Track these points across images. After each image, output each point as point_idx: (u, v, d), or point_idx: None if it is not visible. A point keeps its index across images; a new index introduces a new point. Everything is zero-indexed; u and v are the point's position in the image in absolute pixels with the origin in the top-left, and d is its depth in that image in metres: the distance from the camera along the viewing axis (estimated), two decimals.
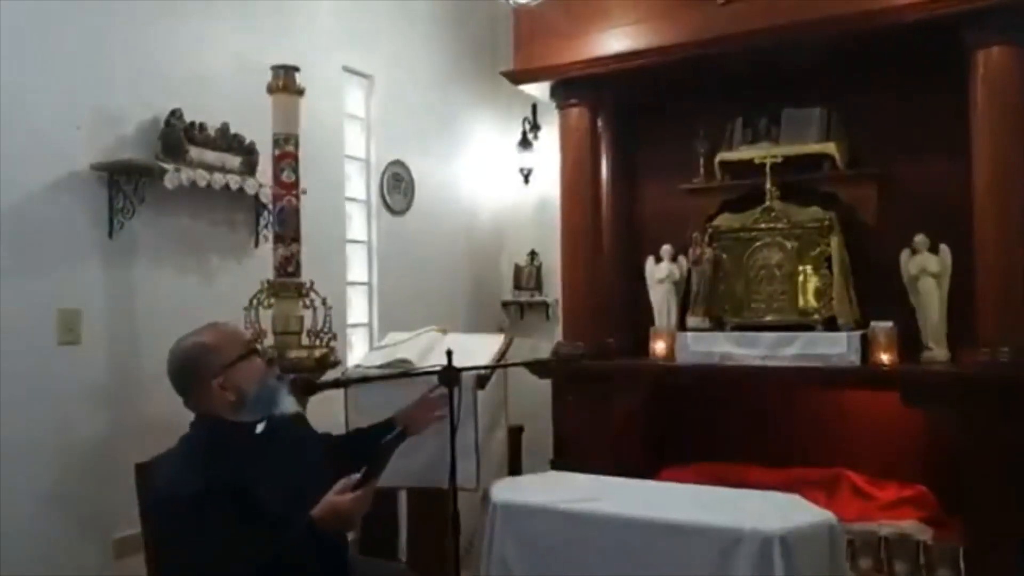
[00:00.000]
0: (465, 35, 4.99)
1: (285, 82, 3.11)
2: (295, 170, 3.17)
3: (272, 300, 3.12)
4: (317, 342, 3.18)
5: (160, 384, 3.07)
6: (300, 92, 3.16)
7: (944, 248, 3.72)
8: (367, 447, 2.23)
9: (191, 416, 2.04)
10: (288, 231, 3.15)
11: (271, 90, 3.12)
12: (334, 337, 3.24)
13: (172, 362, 2.02)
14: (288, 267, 3.14)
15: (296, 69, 3.14)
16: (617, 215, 4.53)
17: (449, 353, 2.27)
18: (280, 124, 3.14)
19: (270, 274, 3.18)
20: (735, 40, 3.67)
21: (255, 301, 3.11)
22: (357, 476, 1.86)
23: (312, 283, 3.21)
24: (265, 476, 1.88)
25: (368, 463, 1.89)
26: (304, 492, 1.88)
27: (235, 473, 1.83)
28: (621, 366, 4.18)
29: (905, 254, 3.79)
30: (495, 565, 2.56)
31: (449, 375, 2.25)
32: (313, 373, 3.01)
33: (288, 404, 2.04)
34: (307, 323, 3.19)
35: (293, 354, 3.04)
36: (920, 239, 3.74)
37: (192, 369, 1.98)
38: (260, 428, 2.01)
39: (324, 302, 3.24)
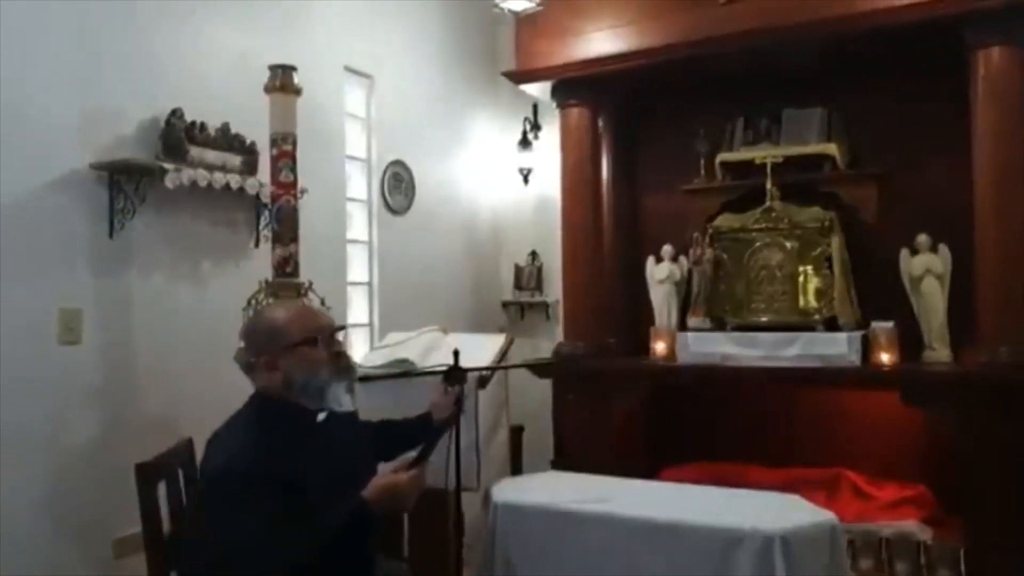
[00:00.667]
0: (466, 35, 4.99)
1: (282, 81, 3.11)
2: (293, 170, 3.16)
3: (270, 300, 3.11)
4: None
5: (160, 384, 3.11)
6: (297, 91, 3.16)
7: (943, 248, 3.72)
8: (399, 438, 2.24)
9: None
10: (286, 231, 3.15)
11: (268, 90, 3.12)
12: None
13: (241, 332, 2.07)
14: (286, 267, 3.13)
15: (293, 68, 3.13)
16: (618, 215, 4.53)
17: (456, 353, 2.27)
18: (278, 123, 3.14)
19: (270, 274, 3.17)
20: (736, 40, 3.68)
21: (253, 301, 3.11)
22: (412, 455, 1.88)
23: (311, 283, 3.20)
24: (316, 466, 1.85)
25: (423, 444, 1.92)
26: (354, 488, 1.86)
27: (287, 459, 1.80)
28: (621, 366, 4.18)
29: (904, 254, 3.79)
30: (496, 565, 2.56)
31: (456, 374, 2.25)
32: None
33: (343, 402, 1.97)
34: None
35: None
36: (922, 239, 3.74)
37: (250, 341, 2.00)
38: (321, 417, 1.96)
39: (323, 302, 3.23)
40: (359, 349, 4.19)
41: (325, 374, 1.94)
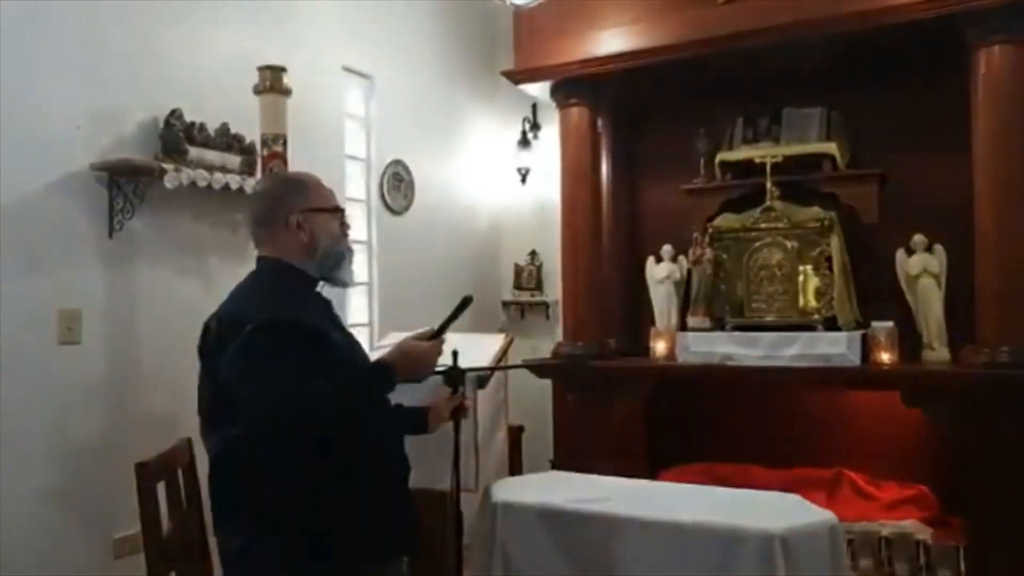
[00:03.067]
0: (465, 35, 4.99)
1: (272, 82, 3.11)
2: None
3: None
4: None
5: (160, 384, 3.11)
6: (287, 92, 3.15)
7: (939, 248, 3.72)
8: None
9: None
10: None
11: (258, 91, 3.12)
12: None
13: (258, 189, 2.00)
14: None
15: (283, 69, 3.13)
16: (617, 215, 4.53)
17: (455, 353, 2.27)
18: (268, 124, 3.14)
19: None
20: (735, 40, 3.67)
21: None
22: (429, 329, 1.97)
23: None
24: (329, 328, 1.87)
25: (445, 319, 2.00)
26: (355, 353, 1.91)
27: (304, 313, 1.81)
28: (621, 366, 4.18)
29: (900, 254, 3.79)
30: (496, 565, 2.56)
31: (454, 375, 2.25)
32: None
33: (350, 276, 1.99)
34: None
35: None
36: (918, 239, 3.74)
37: (278, 197, 1.94)
38: (319, 287, 1.97)
39: None
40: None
41: (345, 245, 1.97)
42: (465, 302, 2.09)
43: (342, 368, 1.80)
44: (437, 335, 1.97)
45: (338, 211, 2.00)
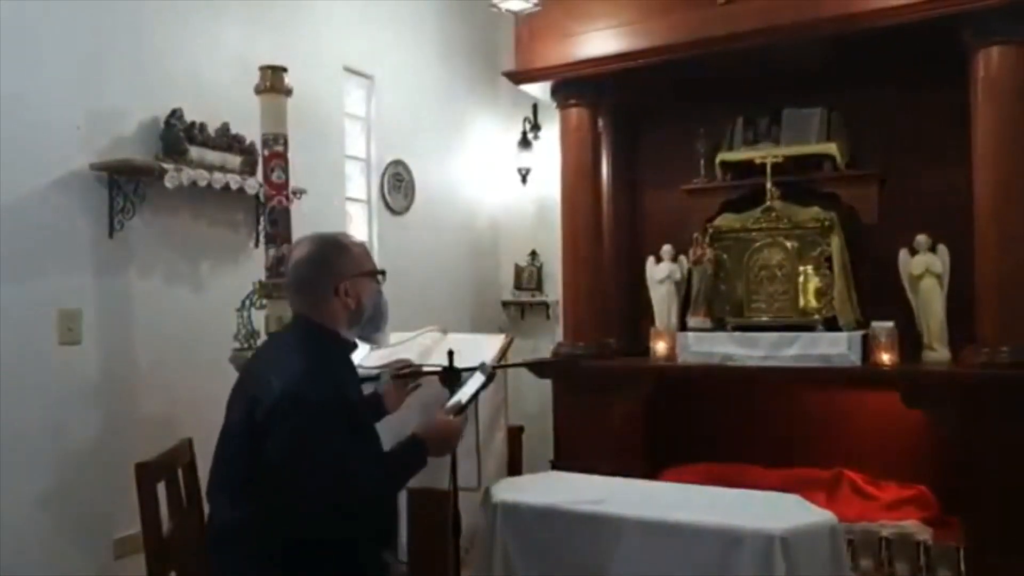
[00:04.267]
0: (466, 35, 4.99)
1: (272, 82, 3.10)
2: (285, 170, 3.15)
3: (264, 301, 3.11)
4: None
5: (160, 384, 3.11)
6: (288, 92, 3.15)
7: (942, 248, 3.72)
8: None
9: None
10: (279, 232, 3.13)
11: (259, 91, 3.12)
12: None
13: (302, 254, 1.93)
14: (280, 268, 3.12)
15: (284, 69, 3.13)
16: (618, 215, 4.53)
17: (451, 353, 2.27)
18: (269, 124, 3.13)
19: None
20: (735, 40, 3.68)
21: (247, 302, 3.11)
22: (457, 401, 1.99)
23: None
24: (360, 398, 1.91)
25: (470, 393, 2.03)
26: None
27: (345, 388, 1.83)
28: (621, 366, 4.18)
29: (903, 254, 3.79)
30: (496, 565, 2.55)
31: (450, 375, 2.25)
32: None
33: (388, 337, 2.07)
34: None
35: None
36: (921, 239, 3.74)
37: (326, 265, 1.91)
38: (356, 347, 2.01)
39: None
40: (359, 350, 4.18)
41: (384, 305, 2.01)
42: (489, 377, 2.12)
43: (382, 448, 1.85)
44: (463, 409, 2.00)
45: (377, 273, 2.03)
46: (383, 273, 2.04)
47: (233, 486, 1.82)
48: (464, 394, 2.03)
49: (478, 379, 2.10)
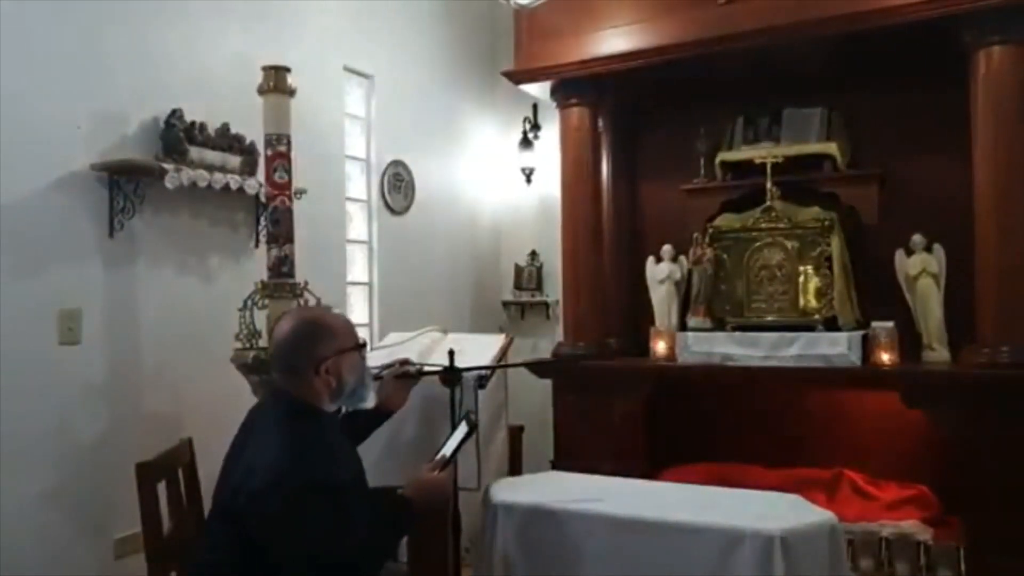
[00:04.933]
0: (466, 34, 4.99)
1: (276, 82, 3.11)
2: (288, 170, 3.16)
3: (266, 301, 3.11)
4: None
5: (161, 384, 3.11)
6: (291, 92, 3.15)
7: (938, 247, 3.72)
8: (361, 429, 2.28)
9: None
10: (282, 231, 3.14)
11: (262, 91, 3.12)
12: None
13: (286, 333, 1.95)
14: (282, 268, 3.13)
15: (287, 69, 3.13)
16: (618, 215, 4.53)
17: (451, 353, 2.27)
18: (272, 125, 3.14)
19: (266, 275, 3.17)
20: (735, 40, 3.67)
21: (249, 302, 3.11)
22: (442, 456, 2.00)
23: (306, 283, 3.20)
24: (343, 465, 1.90)
25: (454, 447, 2.04)
26: (363, 477, 1.98)
27: (327, 464, 1.83)
28: (621, 366, 4.18)
29: (899, 254, 3.79)
30: (495, 565, 2.55)
31: (451, 375, 2.25)
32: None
33: (371, 399, 2.07)
34: None
35: None
36: (917, 238, 3.74)
37: (308, 345, 1.93)
38: (341, 411, 2.06)
39: (319, 302, 3.23)
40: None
41: (369, 379, 2.04)
42: (472, 427, 2.13)
43: (371, 515, 1.86)
44: (448, 463, 2.01)
45: (361, 347, 2.04)
46: (364, 345, 2.06)
47: (221, 570, 1.85)
48: (448, 448, 2.03)
49: (462, 430, 2.10)
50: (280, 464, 1.76)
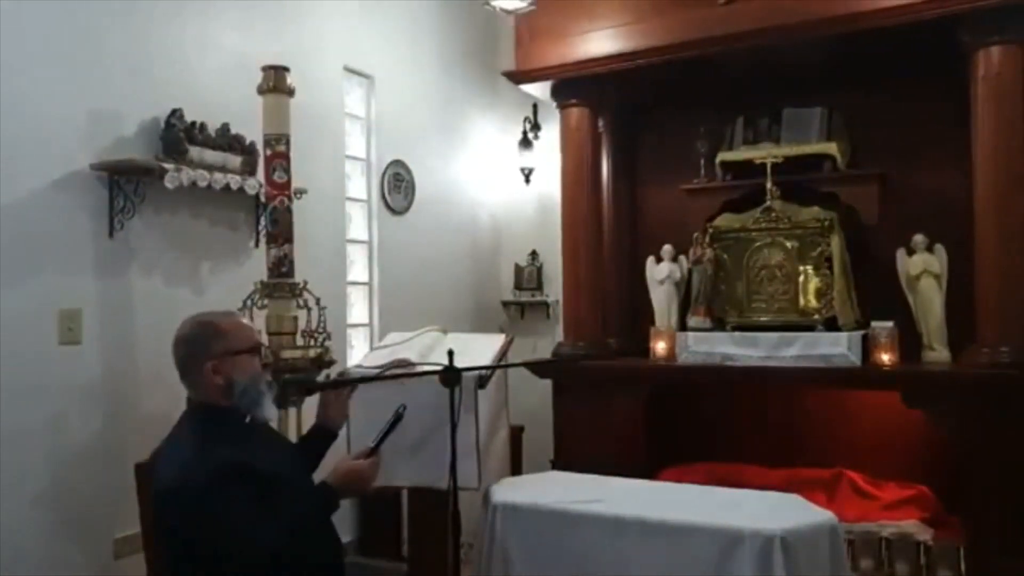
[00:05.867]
0: (466, 34, 4.99)
1: (275, 82, 3.11)
2: (287, 170, 3.16)
3: (266, 301, 3.11)
4: (311, 342, 3.18)
5: (160, 384, 3.10)
6: (290, 92, 3.16)
7: (939, 247, 3.72)
8: (313, 454, 2.31)
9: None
10: (281, 231, 3.14)
11: (261, 91, 3.12)
12: (328, 337, 3.24)
13: (179, 334, 2.04)
14: (281, 267, 3.13)
15: (286, 69, 3.13)
16: (618, 215, 4.53)
17: (450, 353, 2.27)
18: (271, 125, 3.14)
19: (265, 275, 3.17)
20: (735, 40, 3.68)
21: (248, 302, 3.11)
22: (366, 447, 2.05)
23: (306, 283, 3.20)
24: (259, 456, 1.94)
25: (380, 433, 2.07)
26: (292, 474, 2.02)
27: (238, 453, 1.87)
28: (621, 366, 4.18)
29: (900, 254, 3.79)
30: (495, 565, 2.55)
31: (450, 375, 2.25)
32: (309, 373, 3.02)
33: (270, 412, 2.09)
34: (302, 323, 3.18)
35: (287, 354, 3.04)
36: (918, 238, 3.74)
37: (193, 345, 2.01)
38: (248, 419, 2.05)
39: (318, 302, 3.24)
40: (359, 349, 4.19)
41: (262, 384, 2.05)
42: (398, 417, 2.14)
43: (291, 501, 1.91)
44: (373, 452, 2.05)
45: (254, 350, 2.07)
46: (258, 349, 2.09)
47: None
48: (376, 438, 2.09)
49: (390, 421, 2.13)
50: (186, 459, 1.86)
